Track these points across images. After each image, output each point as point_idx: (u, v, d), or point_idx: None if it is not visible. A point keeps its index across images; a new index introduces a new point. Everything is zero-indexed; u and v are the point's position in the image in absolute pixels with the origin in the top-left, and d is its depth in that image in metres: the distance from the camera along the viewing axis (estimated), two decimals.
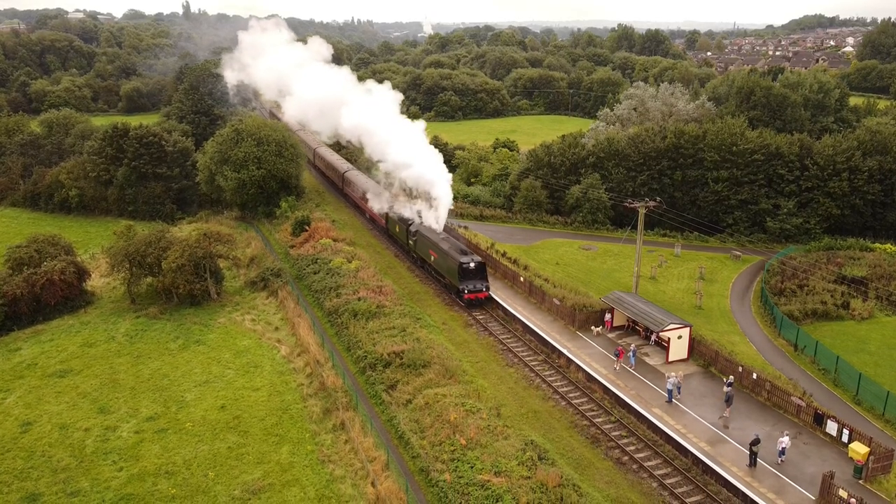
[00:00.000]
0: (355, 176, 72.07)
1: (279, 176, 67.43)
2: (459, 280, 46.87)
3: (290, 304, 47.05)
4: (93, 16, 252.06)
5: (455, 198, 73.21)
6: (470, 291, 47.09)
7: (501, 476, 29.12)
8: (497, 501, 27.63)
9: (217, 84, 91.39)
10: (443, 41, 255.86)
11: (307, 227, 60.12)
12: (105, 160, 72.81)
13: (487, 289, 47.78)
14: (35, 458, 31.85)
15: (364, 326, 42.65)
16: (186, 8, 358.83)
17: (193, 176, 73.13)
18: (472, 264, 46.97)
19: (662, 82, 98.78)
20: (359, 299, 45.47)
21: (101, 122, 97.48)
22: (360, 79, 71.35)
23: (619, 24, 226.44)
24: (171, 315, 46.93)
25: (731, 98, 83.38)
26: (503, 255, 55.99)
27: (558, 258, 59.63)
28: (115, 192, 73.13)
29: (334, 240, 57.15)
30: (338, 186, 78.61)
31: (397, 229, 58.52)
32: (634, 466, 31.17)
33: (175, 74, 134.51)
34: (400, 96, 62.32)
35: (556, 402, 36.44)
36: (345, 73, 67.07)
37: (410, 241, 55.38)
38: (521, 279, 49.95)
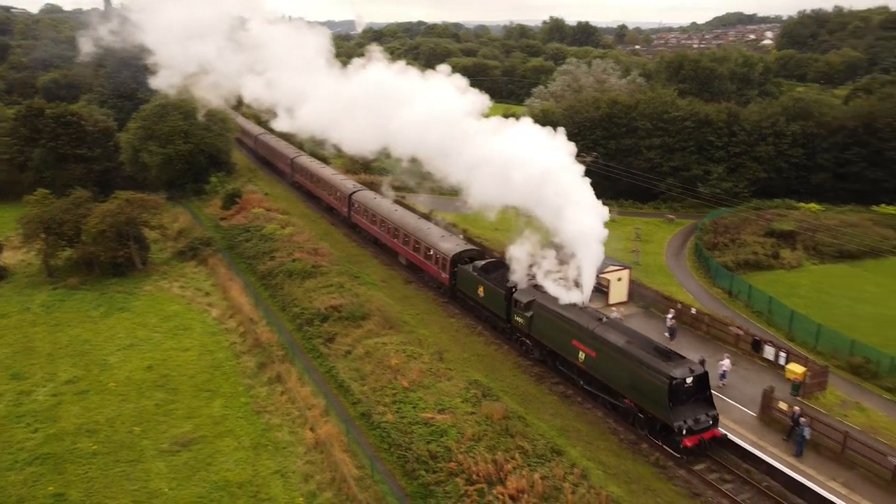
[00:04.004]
0: (366, 198, 53.32)
1: (208, 151, 64.82)
2: (666, 408, 25.89)
3: (222, 270, 45.05)
4: (6, 9, 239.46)
5: (393, 172, 72.23)
6: (692, 432, 25.89)
7: (446, 413, 28.37)
8: (442, 436, 26.82)
9: (142, 73, 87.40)
10: (376, 35, 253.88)
11: (238, 200, 57.96)
12: (19, 141, 68.36)
13: (716, 419, 26.82)
14: None
15: (300, 285, 41.15)
16: (108, 2, 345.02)
17: (116, 157, 69.61)
18: (689, 378, 26.18)
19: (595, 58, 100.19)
20: (293, 261, 43.88)
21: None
22: None
23: (551, 17, 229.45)
24: (92, 285, 44.21)
25: (661, 72, 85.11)
26: (443, 219, 55.16)
27: (497, 224, 59.14)
28: (32, 176, 68.69)
29: (267, 209, 55.22)
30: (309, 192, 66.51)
31: (481, 291, 37.06)
32: (579, 399, 30.83)
33: (95, 64, 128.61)
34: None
35: (498, 347, 35.86)
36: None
37: (519, 317, 34.13)
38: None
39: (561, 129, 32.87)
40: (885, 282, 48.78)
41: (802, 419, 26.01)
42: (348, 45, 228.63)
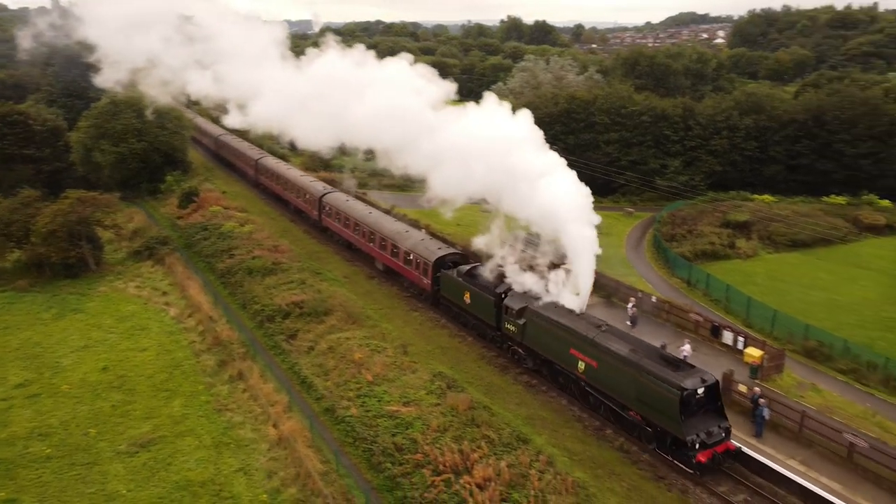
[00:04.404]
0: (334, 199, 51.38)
1: (163, 149, 63.41)
2: (678, 421, 24.31)
3: (179, 269, 44.06)
4: None
5: (353, 169, 71.77)
6: (705, 446, 24.43)
7: (411, 405, 28.20)
8: (407, 428, 26.65)
9: (90, 71, 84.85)
10: (334, 34, 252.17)
11: (195, 199, 56.79)
12: None
13: (729, 431, 25.35)
14: None
15: (260, 283, 40.49)
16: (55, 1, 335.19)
17: (67, 157, 67.60)
18: (700, 388, 24.63)
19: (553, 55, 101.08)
20: (253, 258, 43.18)
21: None
22: None
23: (508, 16, 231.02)
24: (43, 287, 42.82)
25: (617, 69, 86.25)
26: (404, 216, 54.95)
27: (459, 220, 59.21)
28: None
29: (225, 207, 54.25)
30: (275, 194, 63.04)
31: (467, 297, 35.19)
32: (544, 388, 30.98)
33: (43, 63, 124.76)
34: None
35: (462, 339, 35.83)
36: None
37: (510, 325, 32.38)
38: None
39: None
40: (836, 269, 50.20)
41: (761, 400, 26.57)
42: (305, 45, 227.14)
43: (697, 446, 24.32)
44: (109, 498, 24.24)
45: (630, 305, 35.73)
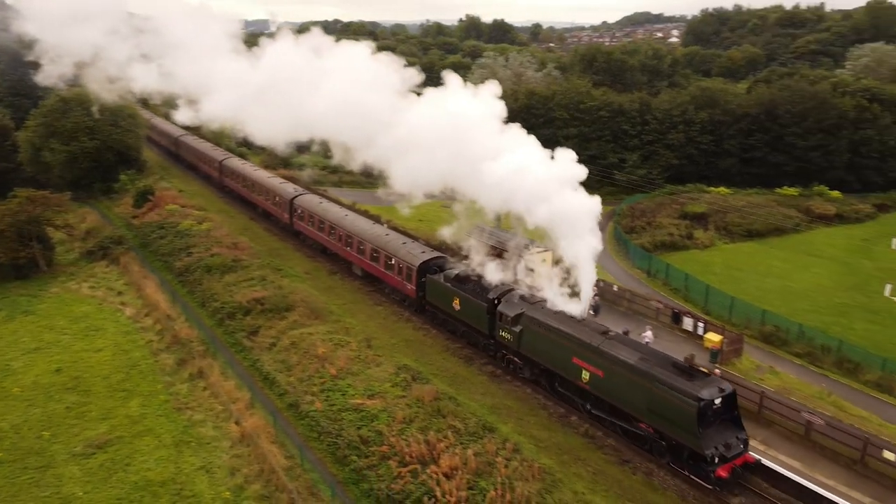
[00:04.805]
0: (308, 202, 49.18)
1: (116, 147, 61.71)
2: (696, 434, 22.82)
3: (135, 269, 42.95)
4: None
5: (314, 167, 71.08)
6: (725, 459, 22.96)
7: (376, 398, 27.98)
8: (373, 421, 26.43)
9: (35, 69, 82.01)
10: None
11: (151, 198, 55.44)
12: None
13: (747, 442, 24.02)
14: None
15: (220, 280, 39.72)
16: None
17: (15, 157, 65.39)
18: (718, 398, 23.21)
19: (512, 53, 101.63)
20: (212, 256, 42.33)
21: None
22: None
23: (467, 15, 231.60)
24: None
25: (575, 65, 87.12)
26: (365, 212, 54.55)
27: (421, 216, 59.15)
28: None
29: (182, 206, 53.10)
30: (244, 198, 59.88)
31: (457, 303, 33.19)
32: (508, 377, 31.05)
33: None
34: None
35: (427, 332, 35.69)
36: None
37: (505, 333, 30.37)
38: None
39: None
40: (789, 257, 51.55)
41: None
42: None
43: (717, 460, 22.73)
44: (65, 501, 23.50)
45: (592, 294, 36.03)
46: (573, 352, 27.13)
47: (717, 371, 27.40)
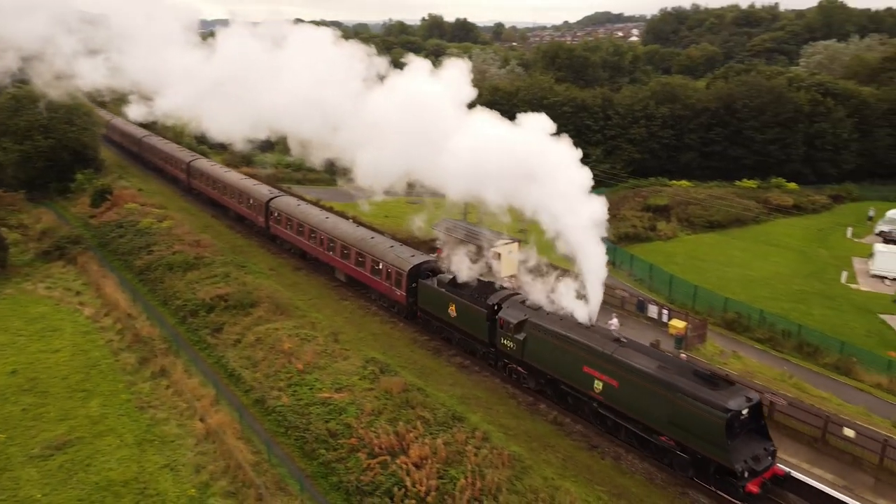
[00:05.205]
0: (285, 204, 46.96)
1: (72, 146, 60.11)
2: (725, 448, 21.51)
3: (93, 268, 41.83)
4: None
5: (277, 165, 70.34)
6: (755, 473, 21.74)
7: (343, 391, 27.74)
8: (341, 414, 26.19)
9: None
10: None
11: (109, 197, 54.13)
12: None
13: (775, 453, 22.83)
14: None
15: (182, 278, 38.96)
16: None
17: None
18: (745, 409, 22.00)
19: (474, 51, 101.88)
20: (173, 254, 41.50)
21: None
22: None
23: (430, 14, 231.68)
24: None
25: (538, 61, 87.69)
26: (331, 209, 54.12)
27: (387, 212, 59.02)
28: None
29: (142, 205, 51.97)
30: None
31: (453, 310, 31.62)
32: (477, 368, 31.05)
33: None
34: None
35: (394, 325, 35.52)
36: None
37: (507, 341, 28.91)
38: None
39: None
40: (749, 247, 52.61)
41: None
42: None
43: (746, 475, 21.45)
44: (22, 503, 22.74)
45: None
46: (583, 360, 25.58)
47: (682, 355, 27.78)
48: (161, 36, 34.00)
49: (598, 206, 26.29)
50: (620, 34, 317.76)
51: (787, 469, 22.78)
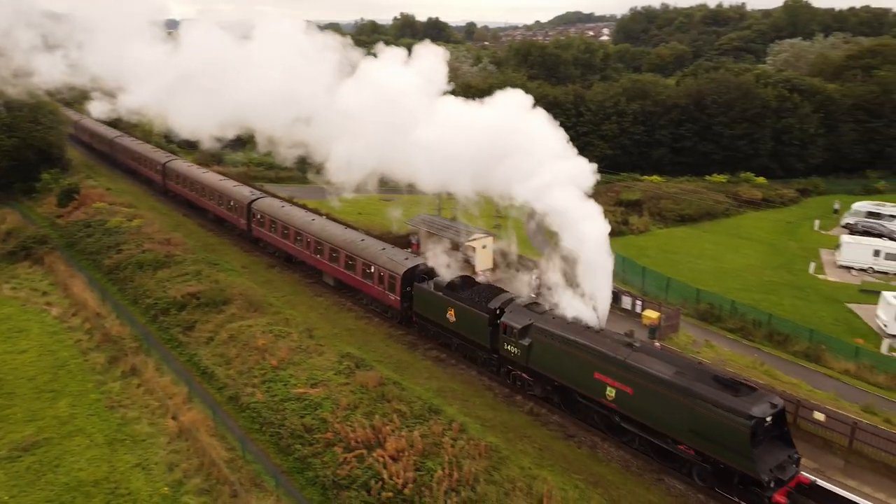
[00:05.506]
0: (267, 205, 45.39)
1: (37, 145, 58.80)
2: (750, 457, 20.71)
3: (61, 268, 40.98)
4: None
5: (248, 164, 69.63)
6: (781, 483, 21.01)
7: (319, 387, 27.54)
8: (316, 409, 25.99)
9: None
10: None
11: (76, 196, 53.07)
12: None
13: (799, 461, 22.21)
14: None
15: (152, 276, 38.32)
16: None
17: None
18: (769, 415, 21.25)
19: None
20: (143, 252, 40.81)
21: None
22: None
23: (402, 13, 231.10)
24: None
25: (510, 59, 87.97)
26: (303, 206, 53.66)
27: (360, 209, 58.80)
28: None
29: (110, 204, 51.04)
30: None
31: (452, 315, 30.35)
32: (453, 361, 31.01)
33: None
34: None
35: (369, 320, 35.34)
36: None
37: (511, 347, 27.76)
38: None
39: None
40: (720, 240, 53.35)
41: None
42: None
43: (773, 484, 20.63)
44: None
45: (534, 276, 36.43)
46: (594, 366, 24.59)
47: (657, 343, 28.02)
48: (123, 29, 32.81)
49: (584, 168, 26.42)
50: (591, 33, 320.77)
51: (812, 477, 22.15)
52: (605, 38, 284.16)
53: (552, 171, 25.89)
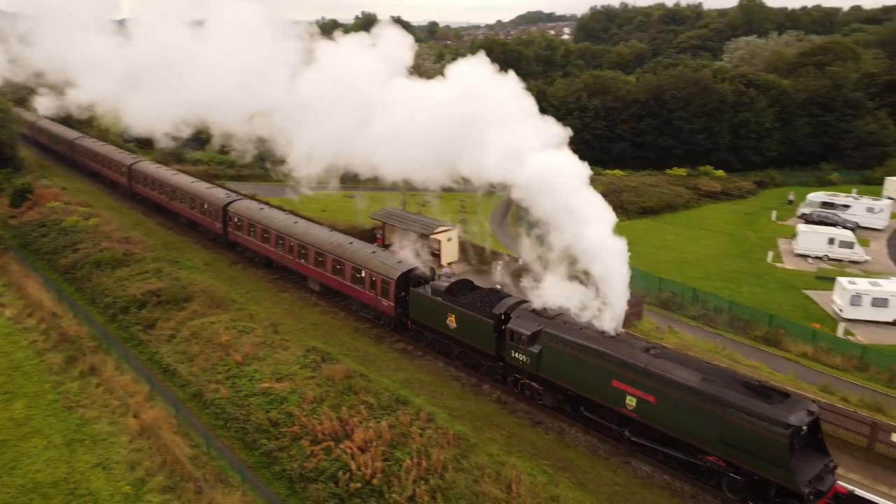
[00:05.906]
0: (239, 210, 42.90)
1: None
2: (788, 468, 19.47)
3: (14, 269, 39.76)
4: None
5: (209, 162, 68.58)
6: (820, 494, 19.89)
7: (284, 381, 27.25)
8: (282, 403, 25.70)
9: None
10: None
11: (30, 196, 51.61)
12: None
13: (835, 469, 21.00)
14: None
15: (111, 275, 37.46)
16: None
17: None
18: (806, 423, 19.94)
19: None
20: (101, 251, 39.86)
21: None
22: None
23: (363, 12, 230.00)
24: None
25: (472, 55, 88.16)
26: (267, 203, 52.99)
27: (324, 206, 58.44)
28: None
29: (66, 203, 49.75)
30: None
31: (452, 321, 28.62)
32: (419, 353, 30.93)
33: None
34: None
35: (335, 315, 35.05)
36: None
37: (519, 354, 26.15)
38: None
39: None
40: (681, 231, 54.23)
41: None
42: None
43: (812, 497, 19.46)
44: None
45: (498, 268, 36.61)
46: (612, 374, 23.18)
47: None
48: (70, 20, 31.32)
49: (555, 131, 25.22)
50: (553, 33, 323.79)
51: (850, 487, 21.06)
52: (566, 37, 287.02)
53: (523, 135, 25.58)
